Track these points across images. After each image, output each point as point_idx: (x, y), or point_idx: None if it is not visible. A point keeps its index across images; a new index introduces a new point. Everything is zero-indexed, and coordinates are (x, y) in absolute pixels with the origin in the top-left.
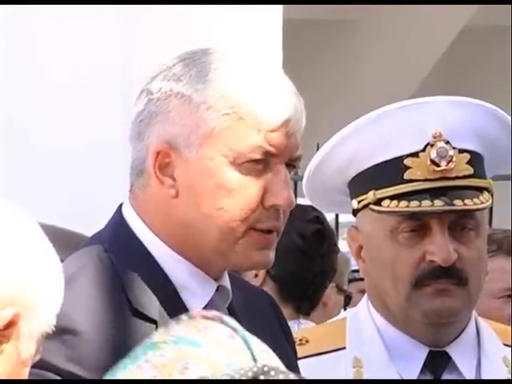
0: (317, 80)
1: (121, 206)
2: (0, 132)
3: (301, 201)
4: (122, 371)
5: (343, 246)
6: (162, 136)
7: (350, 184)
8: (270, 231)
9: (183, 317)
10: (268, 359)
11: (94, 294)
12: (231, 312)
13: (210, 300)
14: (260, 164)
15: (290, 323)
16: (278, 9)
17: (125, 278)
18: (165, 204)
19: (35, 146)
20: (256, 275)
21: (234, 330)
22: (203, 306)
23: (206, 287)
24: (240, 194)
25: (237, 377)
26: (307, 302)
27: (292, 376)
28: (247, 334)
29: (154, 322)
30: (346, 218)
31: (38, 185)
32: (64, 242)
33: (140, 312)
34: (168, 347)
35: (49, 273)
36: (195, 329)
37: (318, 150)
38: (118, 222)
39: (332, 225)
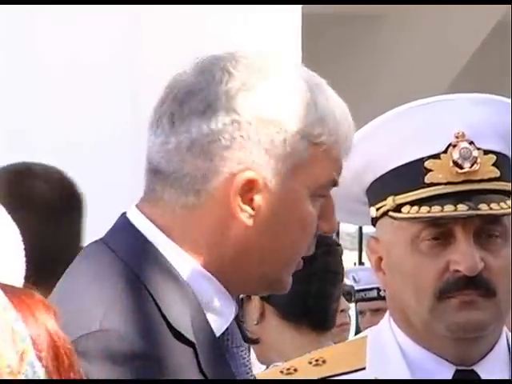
0: (341, 78)
1: (125, 216)
2: (4, 130)
3: None
4: None
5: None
6: (246, 162)
7: (368, 191)
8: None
9: None
10: None
11: (140, 316)
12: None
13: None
14: None
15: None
16: (297, 8)
17: (159, 300)
18: (223, 226)
19: (39, 145)
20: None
21: None
22: (226, 326)
23: (229, 306)
24: (310, 227)
25: None
26: (313, 315)
27: None
28: None
29: (192, 343)
30: (372, 228)
31: None
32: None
33: (180, 333)
34: None
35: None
36: None
37: None
38: (136, 236)
39: (355, 236)
